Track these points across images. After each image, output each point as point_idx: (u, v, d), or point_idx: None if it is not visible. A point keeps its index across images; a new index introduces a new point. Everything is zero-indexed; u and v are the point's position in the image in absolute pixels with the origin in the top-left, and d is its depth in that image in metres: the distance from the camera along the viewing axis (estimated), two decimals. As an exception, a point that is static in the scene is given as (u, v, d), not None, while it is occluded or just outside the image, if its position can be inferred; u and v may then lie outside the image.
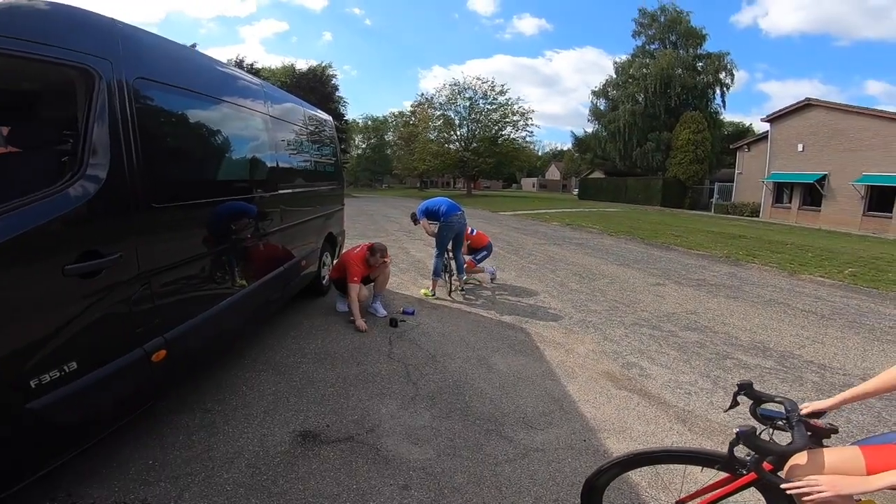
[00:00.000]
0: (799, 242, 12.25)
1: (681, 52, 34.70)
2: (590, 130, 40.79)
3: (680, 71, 33.73)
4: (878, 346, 4.53)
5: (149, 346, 2.23)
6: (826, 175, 20.56)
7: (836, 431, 1.46)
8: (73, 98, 1.95)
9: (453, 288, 5.96)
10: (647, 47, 36.51)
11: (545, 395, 3.30)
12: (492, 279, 6.68)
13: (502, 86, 38.64)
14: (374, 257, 4.88)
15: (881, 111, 19.55)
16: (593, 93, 39.69)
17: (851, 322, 5.37)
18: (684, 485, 1.99)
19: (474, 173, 40.86)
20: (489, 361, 3.87)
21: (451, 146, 40.31)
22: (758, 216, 23.72)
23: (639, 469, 2.09)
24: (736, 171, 26.53)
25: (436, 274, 5.86)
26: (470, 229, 6.62)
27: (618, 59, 39.03)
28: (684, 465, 1.80)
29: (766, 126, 23.99)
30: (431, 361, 3.82)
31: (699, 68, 34.70)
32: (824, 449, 1.42)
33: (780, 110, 23.19)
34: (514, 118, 38.60)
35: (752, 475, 1.47)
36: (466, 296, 5.92)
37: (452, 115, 39.99)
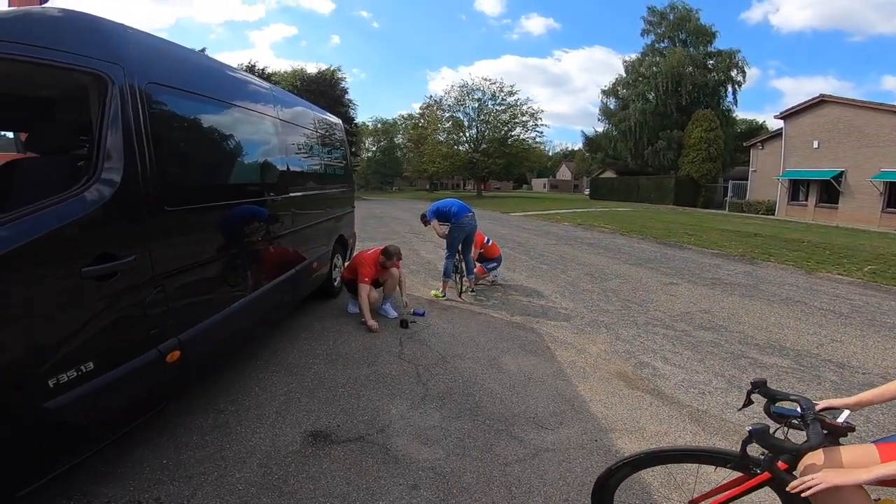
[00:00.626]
0: (816, 240, 12.02)
1: (691, 49, 34.28)
2: (600, 130, 40.50)
3: (690, 69, 33.31)
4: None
5: (163, 347, 2.26)
6: (843, 172, 20.17)
7: (852, 430, 1.42)
8: (86, 103, 2.00)
9: (463, 289, 5.95)
10: (657, 45, 36.13)
11: (556, 395, 3.28)
12: (491, 282, 6.66)
13: (511, 86, 38.49)
14: (391, 260, 4.89)
15: (899, 106, 19.14)
16: (603, 92, 39.41)
17: (871, 321, 5.25)
18: (697, 484, 1.95)
19: (484, 174, 40.80)
20: (499, 362, 3.85)
21: (461, 147, 40.31)
22: (773, 214, 23.34)
23: (651, 468, 2.06)
24: (750, 169, 26.15)
25: (446, 275, 5.87)
26: (486, 239, 6.64)
27: (627, 58, 38.72)
28: (697, 465, 1.77)
29: (780, 123, 23.62)
30: (441, 362, 3.82)
31: (710, 66, 34.26)
32: (840, 447, 1.39)
33: (793, 107, 22.82)
34: (524, 118, 38.49)
35: (766, 474, 1.44)
36: (477, 297, 5.91)
37: (461, 117, 40.04)
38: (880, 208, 18.98)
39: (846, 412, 1.48)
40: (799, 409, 1.42)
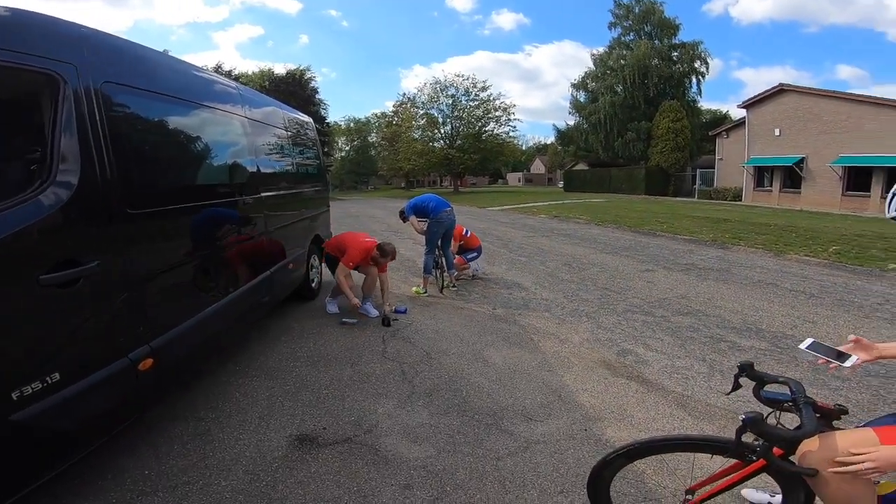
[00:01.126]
0: (782, 224, 12.44)
1: (656, 42, 35.09)
2: (571, 123, 40.92)
3: (656, 61, 34.18)
4: (869, 324, 4.58)
5: (134, 355, 2.17)
6: (804, 158, 20.95)
7: (846, 412, 1.40)
8: (37, 104, 1.88)
9: (445, 284, 5.93)
10: (624, 39, 36.80)
11: (543, 386, 3.28)
12: (472, 276, 6.65)
13: (483, 82, 38.57)
14: (385, 258, 4.83)
15: (852, 94, 20.04)
16: (573, 85, 39.94)
17: (840, 300, 5.45)
18: (693, 471, 1.95)
19: (460, 170, 40.78)
20: (484, 355, 3.84)
21: (436, 144, 40.19)
22: (740, 200, 24.08)
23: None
24: (717, 158, 26.90)
25: (426, 271, 5.82)
26: (465, 230, 6.63)
27: (595, 52, 39.32)
28: (692, 453, 1.75)
29: (743, 112, 24.36)
30: (426, 359, 3.78)
31: (674, 58, 35.17)
32: (836, 432, 1.36)
33: (755, 96, 23.57)
34: (497, 113, 38.63)
35: (762, 462, 1.42)
36: (459, 291, 5.89)
37: (435, 114, 39.84)
38: (840, 192, 19.79)
39: (854, 357, 1.46)
40: (789, 392, 1.40)
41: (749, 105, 23.76)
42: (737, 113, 26.61)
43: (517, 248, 9.42)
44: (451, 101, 38.83)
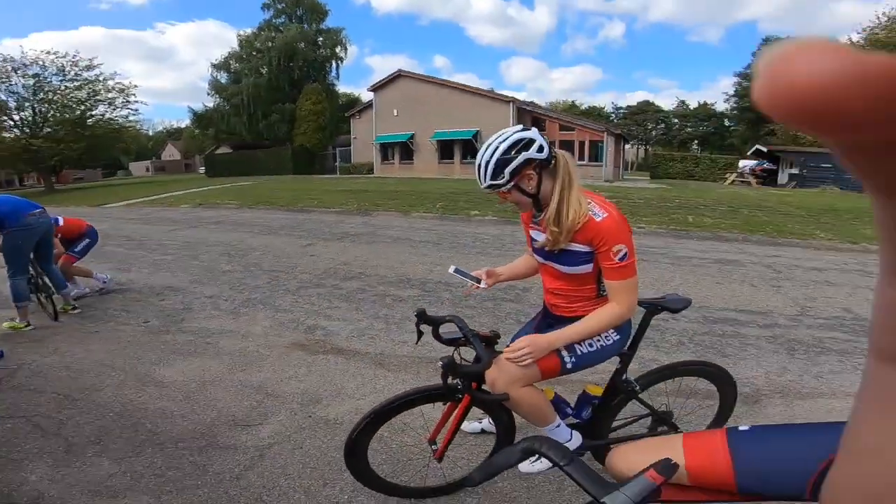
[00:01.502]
0: (406, 190, 15.22)
1: (305, 26, 36.53)
2: (211, 105, 38.38)
3: (303, 45, 35.63)
4: (472, 258, 6.16)
5: None
6: (413, 134, 26.08)
7: (499, 336, 1.67)
8: None
9: (60, 308, 4.40)
10: (275, 21, 36.90)
11: (243, 388, 2.96)
12: (101, 290, 5.12)
13: (90, 60, 29.79)
14: None
15: (443, 80, 26.19)
16: (213, 66, 37.91)
17: (454, 243, 7.15)
18: (427, 423, 2.03)
19: (55, 163, 30.58)
20: (155, 377, 3.14)
21: (8, 135, 28.74)
22: (372, 173, 27.96)
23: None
24: (352, 137, 30.16)
25: (20, 299, 4.08)
26: (53, 218, 4.66)
27: (242, 33, 38.20)
28: (417, 408, 1.77)
29: (371, 95, 28.06)
30: (68, 403, 2.81)
31: (320, 43, 37.27)
32: (501, 355, 1.60)
33: (379, 81, 27.49)
34: (111, 95, 30.79)
35: (468, 398, 1.64)
36: (85, 312, 4.51)
37: (3, 97, 28.31)
38: (437, 161, 25.78)
39: (484, 283, 1.81)
40: (458, 330, 1.58)
41: (375, 89, 27.50)
42: (367, 96, 30.37)
43: (157, 246, 7.91)
44: (32, 83, 28.45)
